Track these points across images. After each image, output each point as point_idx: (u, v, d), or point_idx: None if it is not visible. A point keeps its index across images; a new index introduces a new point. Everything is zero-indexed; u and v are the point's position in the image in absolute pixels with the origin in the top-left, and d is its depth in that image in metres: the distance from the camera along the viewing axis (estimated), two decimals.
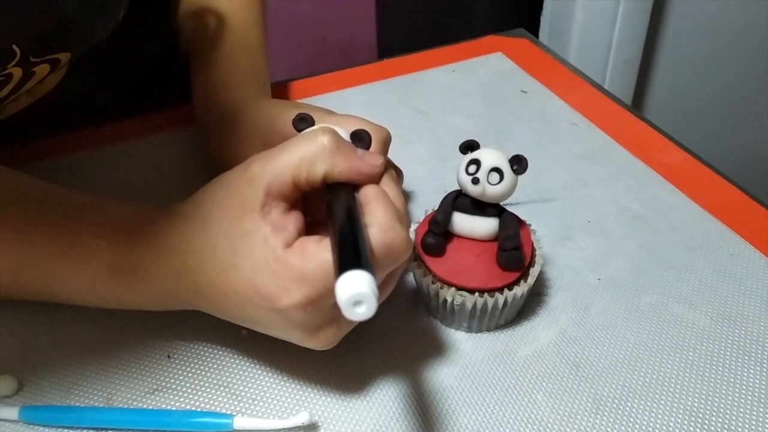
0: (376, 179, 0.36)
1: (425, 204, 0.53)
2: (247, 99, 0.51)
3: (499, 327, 0.44)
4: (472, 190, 0.39)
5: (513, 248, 0.40)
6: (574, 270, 0.48)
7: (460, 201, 0.41)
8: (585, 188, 0.55)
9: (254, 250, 0.33)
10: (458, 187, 0.42)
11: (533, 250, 0.43)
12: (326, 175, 0.34)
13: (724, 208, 0.53)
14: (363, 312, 0.26)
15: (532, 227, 0.45)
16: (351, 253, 0.29)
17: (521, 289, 0.41)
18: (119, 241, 0.38)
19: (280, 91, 0.67)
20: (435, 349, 0.42)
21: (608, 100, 0.66)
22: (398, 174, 0.51)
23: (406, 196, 0.54)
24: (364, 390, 0.40)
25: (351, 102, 0.66)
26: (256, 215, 0.34)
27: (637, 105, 1.31)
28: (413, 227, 0.45)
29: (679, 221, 0.52)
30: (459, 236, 0.42)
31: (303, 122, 0.40)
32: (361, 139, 0.40)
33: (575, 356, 0.42)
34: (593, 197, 0.54)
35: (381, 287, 0.36)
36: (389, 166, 0.49)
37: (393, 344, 0.43)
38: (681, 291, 0.46)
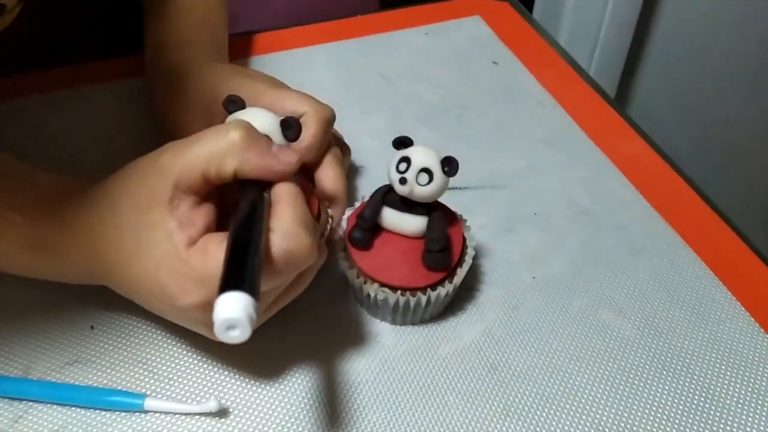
0: (288, 177, 0.34)
1: (374, 180, 0.52)
2: (194, 62, 0.49)
3: (424, 321, 0.43)
4: (400, 189, 0.38)
5: (438, 250, 0.39)
6: (510, 265, 0.47)
7: (390, 196, 0.40)
8: (538, 176, 0.54)
9: (158, 244, 0.33)
10: None
11: (464, 247, 0.42)
12: (236, 171, 0.33)
13: (673, 207, 0.51)
14: (236, 336, 0.26)
15: (467, 222, 0.44)
16: (236, 270, 0.28)
17: (445, 290, 0.41)
18: (35, 217, 0.37)
19: (246, 44, 0.65)
20: (357, 339, 0.42)
21: (580, 80, 0.63)
22: (345, 152, 0.50)
23: (356, 170, 0.53)
24: (280, 377, 0.40)
25: (315, 60, 0.64)
26: (163, 208, 0.33)
27: (621, 96, 1.27)
28: (347, 213, 0.44)
29: (627, 219, 0.51)
30: (388, 231, 0.41)
31: (233, 104, 0.39)
32: (290, 126, 0.38)
33: (495, 358, 0.42)
34: (545, 187, 0.53)
35: (289, 288, 0.36)
36: (333, 144, 0.48)
37: (315, 330, 0.42)
38: (613, 296, 0.45)
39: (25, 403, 0.38)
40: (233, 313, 0.25)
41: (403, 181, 0.38)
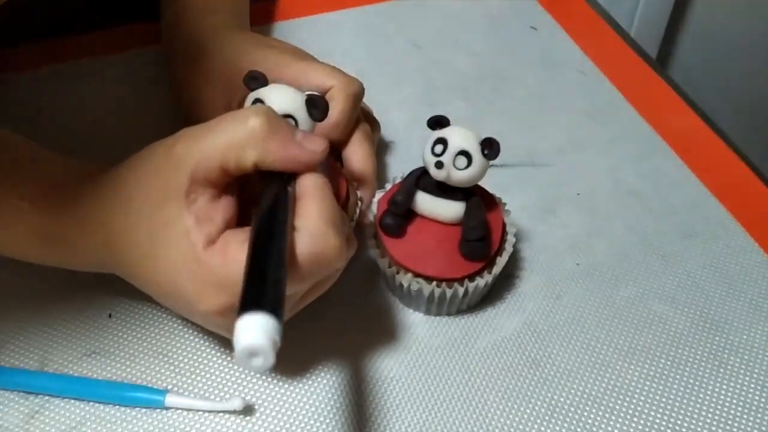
0: (315, 167, 0.31)
1: (405, 158, 0.49)
2: (214, 31, 0.46)
3: (460, 312, 0.40)
4: (436, 173, 0.35)
5: (477, 239, 0.36)
6: (552, 251, 0.44)
7: (425, 180, 0.37)
8: (581, 153, 0.50)
9: (174, 243, 0.30)
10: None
11: (503, 234, 0.39)
12: (257, 163, 0.30)
13: (729, 190, 0.48)
14: (259, 364, 0.23)
15: (507, 207, 0.41)
16: (257, 286, 0.25)
17: (484, 280, 0.38)
18: (43, 206, 0.35)
19: (266, 10, 0.61)
20: (389, 331, 0.40)
21: (625, 46, 0.59)
22: (374, 127, 0.46)
23: (386, 147, 0.50)
24: (307, 373, 0.38)
25: (342, 27, 0.61)
26: (180, 203, 0.30)
27: (662, 60, 1.18)
28: (377, 196, 0.41)
29: (678, 201, 0.47)
30: (422, 217, 0.38)
31: (254, 81, 0.36)
32: (316, 105, 0.35)
33: (536, 352, 0.39)
34: (588, 165, 0.49)
35: (308, 293, 0.33)
36: (361, 120, 0.44)
37: (344, 321, 0.40)
38: (664, 285, 0.42)
39: (41, 397, 0.36)
40: (255, 339, 0.23)
41: (439, 165, 0.35)
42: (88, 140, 0.49)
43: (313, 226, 0.29)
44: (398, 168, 0.48)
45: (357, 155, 0.42)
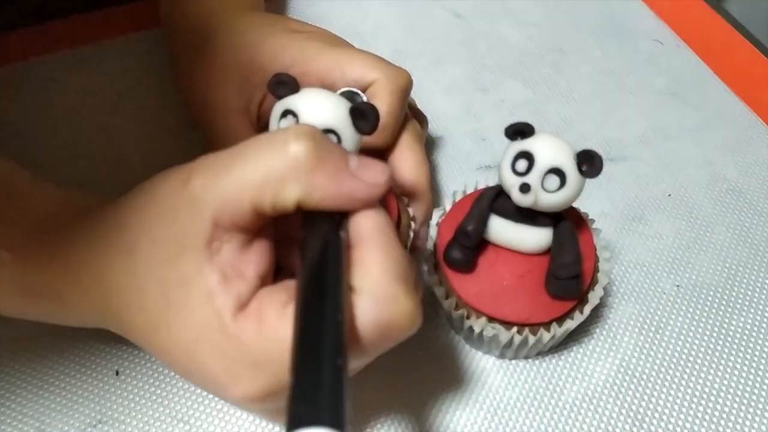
0: (375, 203, 0.24)
1: (456, 157, 0.42)
2: (223, 14, 0.38)
3: (541, 354, 0.33)
4: (521, 199, 0.28)
5: (570, 277, 0.29)
6: (644, 269, 0.37)
7: (501, 202, 0.29)
8: (666, 143, 0.42)
9: (193, 309, 0.23)
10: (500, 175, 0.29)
11: (596, 261, 0.32)
12: (300, 202, 0.23)
13: None
14: None
15: (595, 224, 0.33)
16: (310, 388, 0.18)
17: (575, 322, 0.31)
18: (27, 256, 0.28)
19: None
20: (453, 379, 0.33)
21: (708, 8, 0.50)
22: (422, 125, 0.39)
23: (431, 143, 0.42)
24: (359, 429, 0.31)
25: None
26: (199, 255, 0.23)
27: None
28: (435, 218, 0.34)
29: None
30: (496, 245, 0.31)
31: (282, 87, 0.28)
32: (363, 115, 0.27)
33: (638, 403, 0.32)
34: (677, 157, 0.41)
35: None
36: (410, 118, 0.37)
37: (396, 367, 0.33)
38: None
39: None
40: None
41: (524, 188, 0.27)
42: (79, 147, 0.41)
43: (376, 285, 0.22)
44: (448, 169, 0.41)
45: (408, 163, 0.35)
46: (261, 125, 0.36)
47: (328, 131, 0.27)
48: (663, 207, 0.39)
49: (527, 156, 0.28)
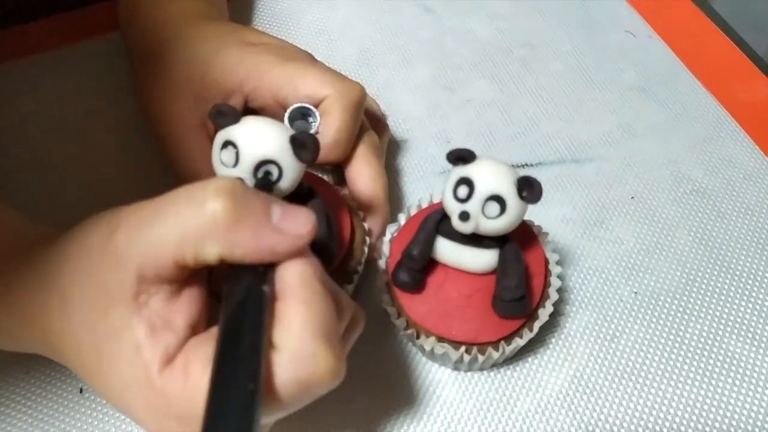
0: (300, 253, 0.24)
1: (420, 160, 0.42)
2: (176, 25, 0.38)
3: (496, 365, 0.34)
4: (460, 226, 0.28)
5: (514, 299, 0.29)
6: (603, 275, 0.37)
7: (446, 225, 0.29)
8: (633, 141, 0.42)
9: (123, 360, 0.23)
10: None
11: (546, 276, 0.32)
12: (222, 257, 0.23)
13: None
14: None
15: (555, 230, 0.33)
16: None
17: (524, 340, 0.31)
18: None
19: None
20: (409, 391, 0.33)
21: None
22: (382, 132, 0.39)
23: (396, 147, 0.42)
24: None
25: None
26: (127, 308, 0.23)
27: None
28: (388, 236, 0.34)
29: (755, 201, 0.39)
30: (445, 265, 0.31)
31: (221, 117, 0.28)
32: (303, 145, 0.28)
33: (590, 414, 0.32)
34: (643, 157, 0.41)
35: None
36: (367, 128, 0.37)
37: (354, 379, 0.33)
38: (744, 316, 0.35)
39: None
40: None
41: (464, 216, 0.27)
42: (53, 154, 0.41)
43: (296, 343, 0.22)
44: (412, 175, 0.41)
45: (364, 176, 0.35)
46: None
47: (268, 162, 0.27)
48: (625, 210, 0.39)
49: (468, 182, 0.28)
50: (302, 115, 0.35)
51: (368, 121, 0.38)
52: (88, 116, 0.43)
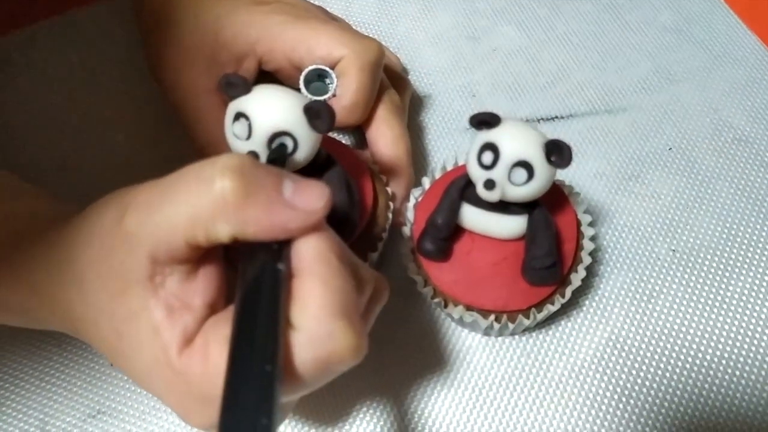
0: (315, 228, 0.23)
1: (445, 117, 0.40)
2: None
3: (528, 330, 0.33)
4: (486, 195, 0.26)
5: (545, 267, 0.28)
6: (640, 234, 0.35)
7: (472, 191, 0.28)
8: (669, 88, 0.40)
9: (143, 342, 0.23)
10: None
11: (578, 239, 0.31)
12: (234, 236, 0.22)
13: None
14: None
15: (588, 187, 0.32)
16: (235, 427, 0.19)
17: (555, 307, 0.30)
18: None
19: None
20: (439, 357, 0.33)
21: None
22: (403, 90, 0.37)
23: (419, 103, 0.41)
24: (339, 421, 0.32)
25: None
26: (143, 289, 0.23)
27: None
28: (412, 200, 0.33)
29: None
30: (472, 232, 0.30)
31: (231, 88, 0.27)
32: (317, 115, 0.26)
33: (626, 378, 0.32)
34: (681, 105, 0.39)
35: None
36: (387, 87, 0.35)
37: (382, 348, 0.33)
38: None
39: None
40: None
41: (489, 184, 0.26)
42: (62, 126, 0.41)
43: (315, 321, 0.22)
44: (436, 133, 0.39)
45: (385, 138, 0.34)
46: None
47: (282, 134, 0.26)
48: (662, 163, 0.37)
49: (492, 148, 0.26)
50: (318, 76, 0.34)
51: (388, 79, 0.36)
52: (90, 85, 0.42)
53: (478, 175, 0.27)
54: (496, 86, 0.40)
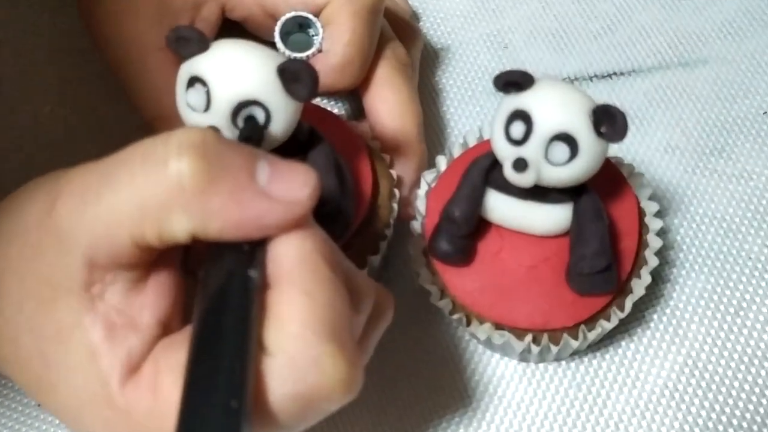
0: (298, 224, 0.23)
1: (465, 77, 0.41)
2: None
3: (576, 354, 0.34)
4: (515, 178, 0.27)
5: (597, 271, 0.28)
6: (723, 226, 0.36)
7: (499, 174, 0.28)
8: (763, 33, 0.41)
9: (75, 370, 0.24)
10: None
11: (641, 235, 0.31)
12: (194, 233, 0.23)
13: None
14: None
15: (644, 179, 0.32)
16: None
17: (611, 324, 0.30)
18: None
19: None
20: (464, 388, 0.34)
21: None
22: (411, 42, 0.38)
23: (429, 59, 0.41)
24: None
25: None
26: (77, 302, 0.24)
27: None
28: (424, 186, 0.33)
29: None
30: (500, 228, 0.30)
31: (184, 44, 0.27)
32: (295, 77, 0.27)
33: (708, 416, 0.32)
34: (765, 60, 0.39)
35: None
36: (389, 38, 0.36)
37: (398, 373, 0.34)
38: None
39: None
40: None
41: (519, 165, 0.26)
42: None
43: (295, 345, 0.22)
44: (456, 98, 0.41)
45: (387, 105, 0.35)
46: None
47: (250, 103, 0.27)
48: (755, 132, 0.38)
49: (524, 117, 0.26)
50: (299, 26, 0.35)
51: (392, 27, 0.37)
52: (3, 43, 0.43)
53: (506, 153, 0.27)
54: (534, 34, 0.41)
